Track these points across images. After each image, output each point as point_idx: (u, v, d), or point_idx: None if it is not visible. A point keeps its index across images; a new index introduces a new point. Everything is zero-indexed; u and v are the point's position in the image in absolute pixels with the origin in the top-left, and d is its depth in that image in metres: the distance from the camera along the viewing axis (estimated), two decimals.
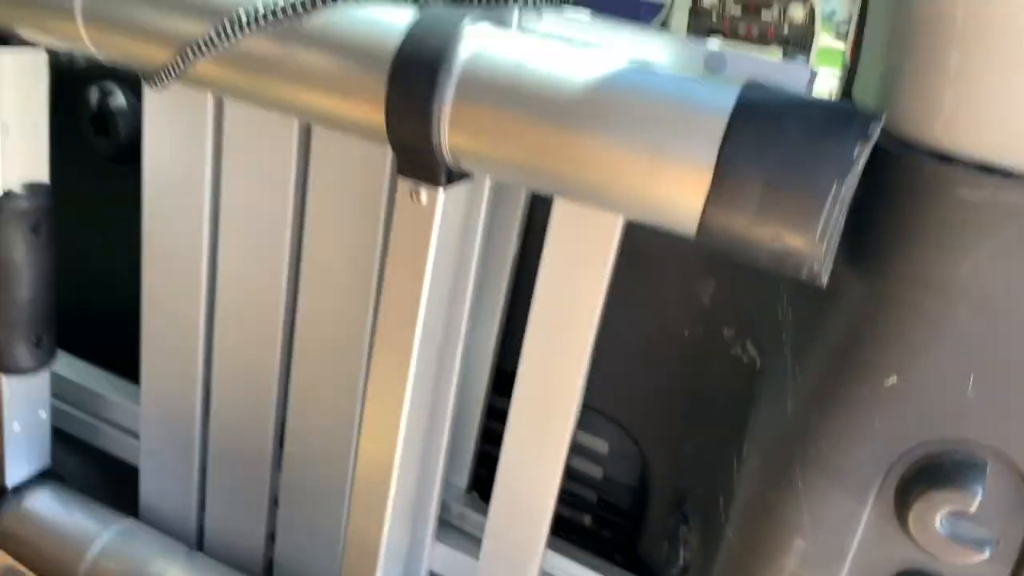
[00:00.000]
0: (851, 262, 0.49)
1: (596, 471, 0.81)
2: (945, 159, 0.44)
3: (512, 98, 0.49)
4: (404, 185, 0.55)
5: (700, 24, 0.66)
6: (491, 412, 0.75)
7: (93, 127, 0.86)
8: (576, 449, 0.80)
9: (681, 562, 0.66)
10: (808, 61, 0.64)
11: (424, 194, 0.54)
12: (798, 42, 0.63)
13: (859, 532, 0.49)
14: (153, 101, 0.71)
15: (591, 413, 0.76)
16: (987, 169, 0.43)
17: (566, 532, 0.82)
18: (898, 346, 0.47)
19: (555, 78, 0.48)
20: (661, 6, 0.68)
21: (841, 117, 0.44)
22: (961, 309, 0.45)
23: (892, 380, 0.47)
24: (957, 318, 0.45)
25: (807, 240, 0.44)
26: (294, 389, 0.74)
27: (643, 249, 0.65)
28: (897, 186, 0.46)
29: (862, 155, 0.43)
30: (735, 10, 0.64)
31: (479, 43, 0.50)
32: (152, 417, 0.81)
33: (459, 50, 0.50)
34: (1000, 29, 0.41)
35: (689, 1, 0.66)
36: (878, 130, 0.44)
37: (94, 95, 0.85)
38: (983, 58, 0.42)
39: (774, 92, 0.46)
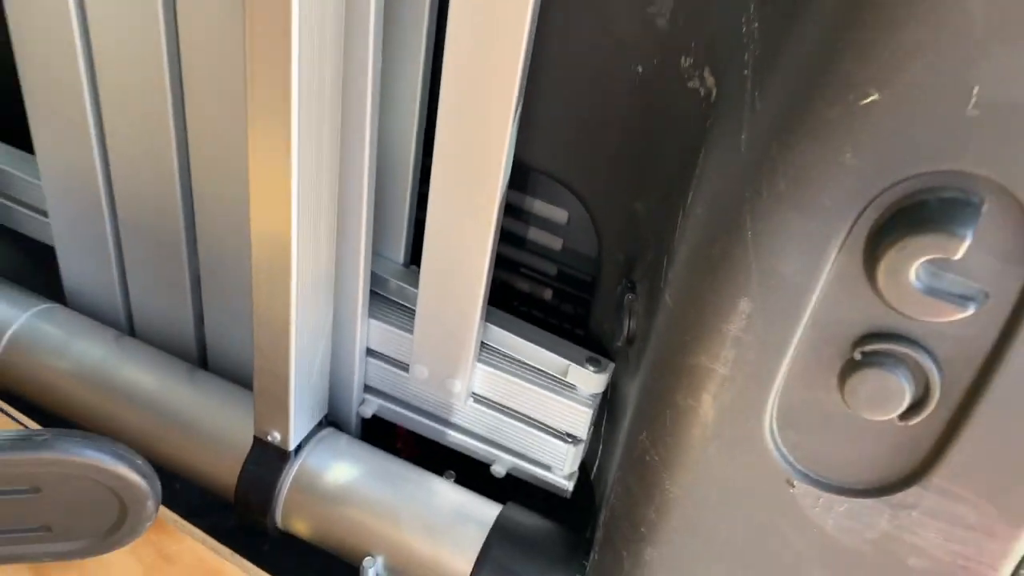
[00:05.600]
0: None
1: (556, 243, 0.72)
2: None
3: None
4: None
5: None
6: (425, 176, 0.65)
7: None
8: (534, 220, 0.72)
9: (626, 332, 0.58)
10: None
11: None
12: None
13: (817, 290, 0.41)
14: None
15: (543, 179, 0.67)
16: None
17: (527, 307, 0.76)
18: (881, 52, 0.36)
19: None
20: None
21: None
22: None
23: (872, 97, 0.36)
24: (963, 4, 0.34)
25: None
26: (195, 156, 0.64)
27: None
28: None
29: None
30: None
31: None
32: (56, 194, 0.73)
33: None
34: None
35: None
36: None
37: None
38: None
39: None
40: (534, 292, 0.75)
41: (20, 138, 0.78)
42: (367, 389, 0.73)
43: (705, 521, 0.50)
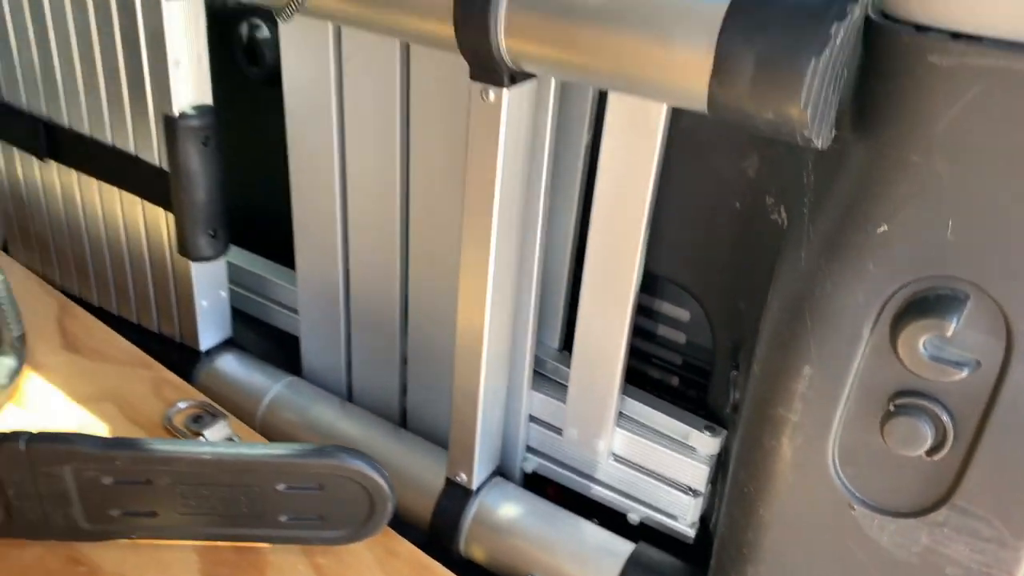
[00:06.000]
0: (854, 127, 0.56)
1: (680, 337, 0.91)
2: (921, 29, 0.51)
3: (550, 5, 0.59)
4: (476, 88, 0.66)
5: None
6: (576, 281, 0.87)
7: (245, 57, 1.03)
8: (661, 318, 0.91)
9: (732, 402, 0.76)
10: None
11: (491, 93, 0.66)
12: None
13: (858, 359, 0.58)
14: (287, 32, 0.86)
15: (670, 285, 0.87)
16: (955, 36, 0.49)
17: (658, 393, 0.94)
18: (888, 198, 0.54)
19: None
20: None
21: (821, 1, 0.51)
22: (939, 161, 0.52)
23: (883, 228, 0.55)
24: (936, 170, 0.52)
25: (794, 109, 0.52)
26: (412, 267, 0.89)
27: (698, 134, 0.74)
28: (884, 57, 0.53)
29: (839, 33, 0.50)
30: None
31: None
32: (307, 295, 1.00)
33: None
34: None
35: None
36: (856, 10, 0.51)
37: (244, 30, 1.02)
38: None
39: None
40: (664, 380, 0.94)
41: (281, 255, 1.06)
42: (528, 448, 0.93)
43: (790, 540, 0.66)
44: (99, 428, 0.87)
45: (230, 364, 1.03)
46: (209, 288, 1.00)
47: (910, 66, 0.52)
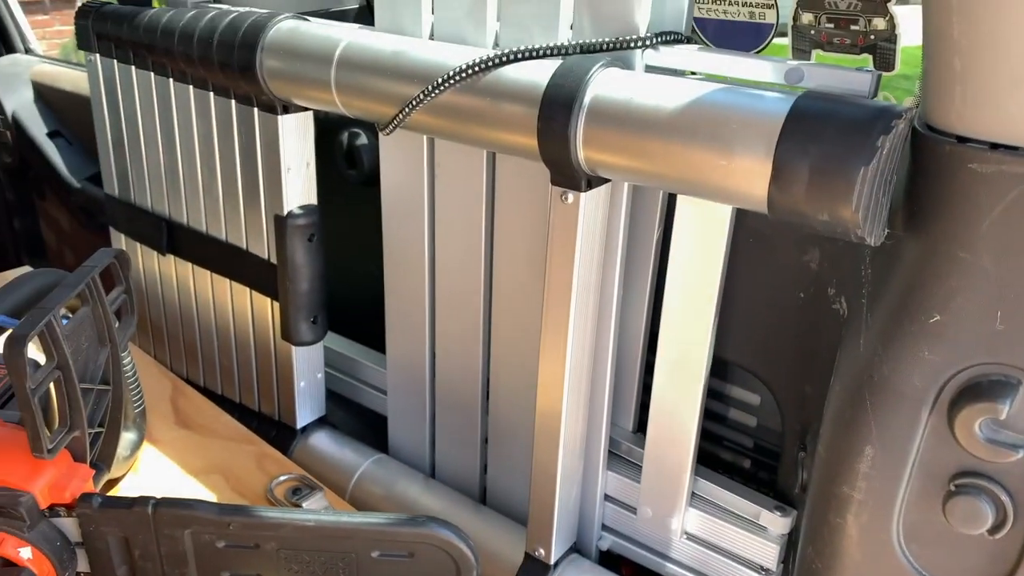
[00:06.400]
0: (906, 225, 0.62)
1: (751, 420, 0.95)
2: (962, 140, 0.57)
3: (623, 122, 0.67)
4: (556, 191, 0.74)
5: (802, 38, 0.79)
6: (649, 368, 0.92)
7: (346, 162, 1.14)
8: (732, 402, 0.96)
9: (800, 481, 0.79)
10: (895, 60, 0.76)
11: (570, 196, 0.73)
12: (883, 47, 0.74)
13: (917, 440, 0.62)
14: (386, 142, 0.96)
15: (740, 371, 0.91)
16: (994, 146, 0.55)
17: (730, 474, 0.98)
18: (939, 290, 0.59)
19: (655, 105, 0.66)
20: (771, 25, 0.82)
21: (870, 116, 0.58)
22: (985, 257, 0.57)
23: (936, 318, 0.60)
24: (982, 265, 0.57)
25: (847, 212, 0.58)
26: (494, 353, 0.96)
27: (763, 229, 0.80)
28: (930, 164, 0.59)
29: (886, 145, 0.57)
30: (829, 25, 0.76)
31: (600, 85, 0.69)
32: (395, 378, 1.07)
33: (587, 91, 0.68)
34: (989, 40, 0.53)
35: (791, 20, 0.80)
36: (901, 124, 0.57)
37: (345, 138, 1.13)
38: (978, 61, 0.54)
39: (822, 99, 0.61)
40: (736, 462, 0.97)
41: (371, 339, 1.15)
42: (604, 527, 0.97)
43: None
44: (209, 497, 0.95)
45: (324, 441, 1.11)
46: (307, 371, 1.09)
47: (953, 172, 0.57)
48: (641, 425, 0.95)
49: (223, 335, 1.15)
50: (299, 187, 1.01)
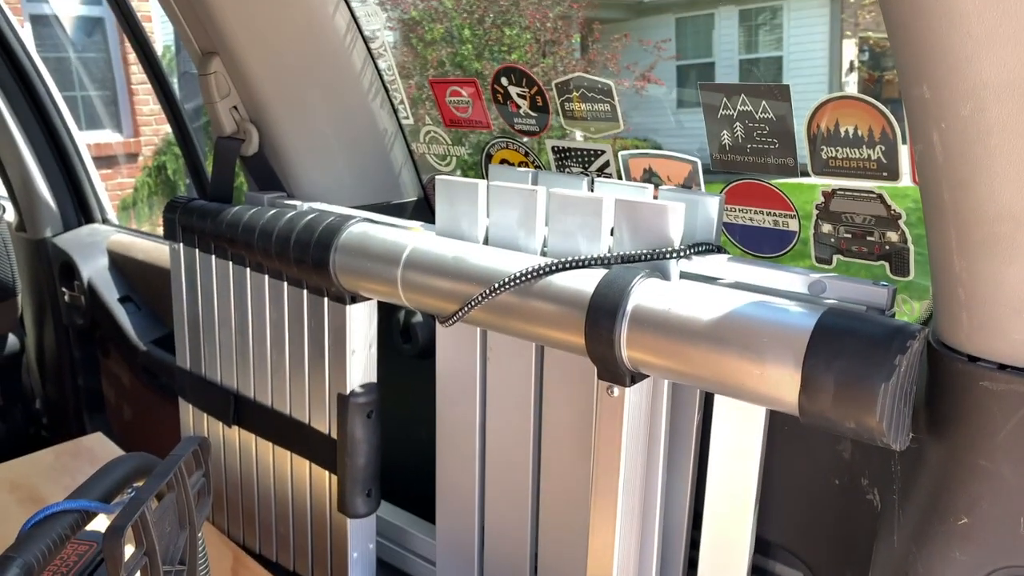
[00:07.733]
0: (929, 431, 0.67)
1: None
2: (972, 360, 0.63)
3: (663, 329, 0.74)
4: (603, 385, 0.81)
5: (823, 245, 0.88)
6: (694, 545, 0.95)
7: (402, 338, 1.23)
8: None
9: None
10: (910, 267, 0.83)
11: (616, 390, 0.80)
12: (898, 256, 0.82)
13: None
14: (443, 330, 1.04)
15: (783, 551, 0.94)
16: (1003, 367, 0.61)
17: None
18: (964, 494, 0.64)
19: (691, 316, 0.73)
20: (795, 233, 0.91)
21: (887, 335, 0.64)
22: (1003, 465, 0.62)
23: (964, 520, 0.64)
24: (1001, 472, 0.62)
25: (871, 421, 0.64)
26: (542, 530, 1.00)
27: (797, 420, 0.86)
28: (945, 378, 0.65)
29: (903, 363, 0.63)
30: (847, 235, 0.85)
31: (640, 295, 0.77)
32: (444, 548, 1.11)
33: (628, 300, 0.76)
34: (989, 275, 0.60)
35: (812, 229, 0.88)
36: (916, 343, 0.64)
37: (401, 316, 1.22)
38: (981, 294, 0.61)
39: (844, 316, 0.68)
40: None
41: (421, 506, 1.19)
42: None
43: None
44: None
45: None
46: (360, 541, 1.13)
47: (967, 388, 0.63)
48: None
49: (281, 504, 1.21)
50: (361, 367, 1.09)
